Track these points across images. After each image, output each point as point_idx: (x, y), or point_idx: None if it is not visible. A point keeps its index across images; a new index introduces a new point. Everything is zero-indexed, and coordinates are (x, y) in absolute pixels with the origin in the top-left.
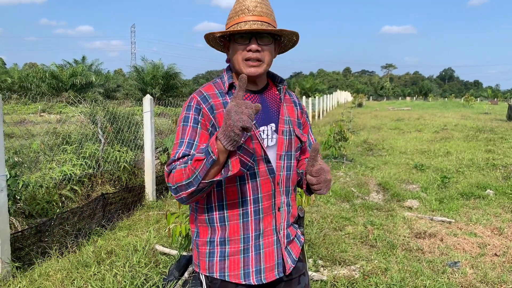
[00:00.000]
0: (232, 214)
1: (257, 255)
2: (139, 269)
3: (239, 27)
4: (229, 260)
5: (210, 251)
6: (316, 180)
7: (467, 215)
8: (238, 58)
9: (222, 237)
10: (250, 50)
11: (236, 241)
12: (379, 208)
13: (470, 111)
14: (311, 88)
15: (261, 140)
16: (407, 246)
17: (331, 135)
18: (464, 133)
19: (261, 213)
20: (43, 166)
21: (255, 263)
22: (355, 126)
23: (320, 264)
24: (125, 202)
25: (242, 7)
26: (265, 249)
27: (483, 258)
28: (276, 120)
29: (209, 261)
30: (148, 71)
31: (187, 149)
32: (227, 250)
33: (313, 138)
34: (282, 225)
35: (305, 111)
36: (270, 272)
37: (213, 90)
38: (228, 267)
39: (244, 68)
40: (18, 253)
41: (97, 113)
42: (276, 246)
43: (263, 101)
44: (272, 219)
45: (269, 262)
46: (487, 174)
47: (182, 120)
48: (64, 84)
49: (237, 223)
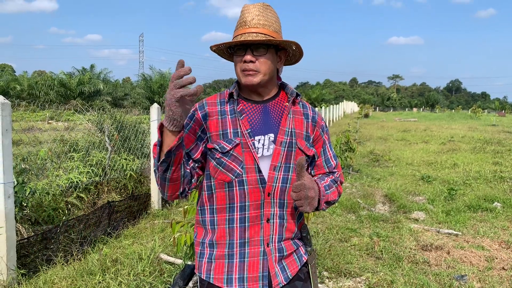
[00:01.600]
0: (220, 218)
1: (241, 263)
2: (143, 278)
3: (235, 40)
4: (215, 263)
5: (201, 251)
6: (296, 195)
7: (474, 227)
8: (237, 68)
9: (211, 239)
10: (245, 61)
11: (222, 245)
12: (385, 220)
13: (477, 123)
14: (318, 98)
15: (253, 149)
16: (413, 259)
17: (338, 145)
18: (472, 145)
19: (247, 222)
20: (50, 173)
21: (238, 270)
22: (362, 136)
23: (326, 276)
24: (131, 210)
25: (241, 21)
26: (250, 259)
27: (490, 271)
28: (276, 131)
29: (199, 261)
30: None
31: None
32: (214, 252)
33: (332, 154)
34: (272, 238)
35: (321, 125)
36: (254, 283)
37: (214, 99)
38: (214, 270)
39: (241, 78)
40: (23, 260)
41: (105, 121)
42: (262, 257)
43: (265, 111)
44: (260, 229)
45: (253, 272)
46: (494, 186)
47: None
48: (72, 92)
49: (224, 227)
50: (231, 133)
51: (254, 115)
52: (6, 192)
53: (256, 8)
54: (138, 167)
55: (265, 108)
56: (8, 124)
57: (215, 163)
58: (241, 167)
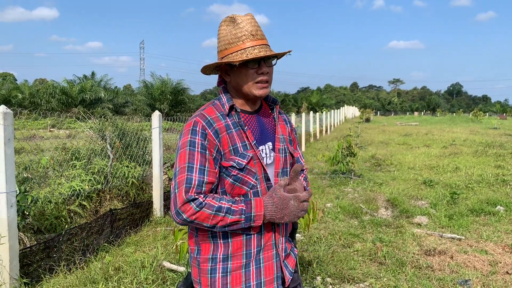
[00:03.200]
0: (236, 232)
1: (258, 269)
2: (146, 286)
3: (247, 52)
4: (231, 275)
5: (212, 267)
6: None
7: (477, 232)
8: (249, 81)
9: (225, 253)
10: (262, 73)
11: (239, 257)
12: (388, 225)
13: (478, 126)
14: (318, 103)
15: (261, 159)
16: (417, 264)
17: (339, 150)
18: (473, 148)
19: (263, 229)
20: (52, 182)
21: (255, 277)
22: (363, 141)
23: (329, 282)
24: (133, 217)
25: (245, 32)
26: (265, 263)
27: (494, 276)
28: (272, 139)
29: (211, 278)
30: (157, 86)
31: (200, 175)
32: (229, 266)
33: (300, 154)
34: (281, 240)
35: (293, 128)
36: (270, 285)
37: (215, 113)
38: (231, 283)
39: (255, 90)
40: (26, 269)
41: (106, 129)
42: (275, 259)
43: (260, 121)
44: (272, 234)
45: (269, 275)
46: (497, 190)
47: (188, 144)
48: (73, 99)
49: (240, 239)
50: (241, 147)
51: (253, 125)
52: (9, 201)
53: (252, 18)
54: (140, 174)
55: (258, 118)
56: (11, 134)
57: (232, 180)
58: (255, 178)
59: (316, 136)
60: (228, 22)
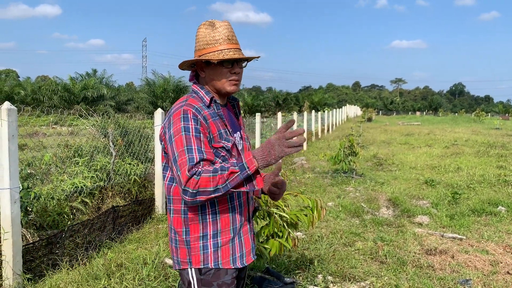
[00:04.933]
0: (223, 209)
1: (240, 242)
2: (148, 282)
3: (223, 53)
4: (221, 250)
5: (204, 244)
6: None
7: (478, 232)
8: (223, 78)
9: (214, 230)
10: (234, 73)
11: (227, 232)
12: (389, 224)
13: (481, 126)
14: (320, 102)
15: (238, 145)
16: (418, 263)
17: (341, 149)
18: (475, 148)
19: (242, 206)
20: (54, 178)
21: (239, 249)
22: (365, 140)
23: (330, 280)
24: (135, 215)
25: (223, 36)
26: (244, 236)
27: (495, 276)
28: (239, 129)
29: (203, 254)
30: (159, 84)
31: (200, 154)
32: (219, 241)
33: None
34: (251, 215)
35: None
36: (248, 256)
37: (198, 103)
38: (221, 256)
39: (228, 87)
40: (29, 264)
41: (109, 126)
42: (250, 233)
43: (228, 113)
44: (247, 211)
45: (247, 247)
46: (498, 190)
47: (182, 129)
48: (76, 97)
49: (227, 216)
50: (224, 133)
51: (226, 116)
52: (13, 197)
53: (229, 25)
54: (142, 172)
55: (227, 110)
56: (15, 130)
57: (221, 161)
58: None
59: (318, 135)
60: (207, 26)
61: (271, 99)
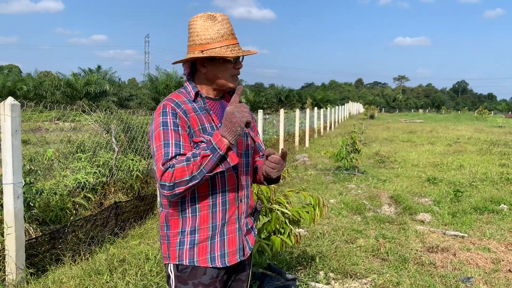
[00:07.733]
0: (203, 205)
1: (222, 241)
2: (151, 278)
3: (230, 49)
4: (198, 247)
5: (181, 240)
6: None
7: (480, 229)
8: (227, 74)
9: (192, 226)
10: (239, 68)
11: (205, 230)
12: (391, 221)
13: (483, 124)
14: (323, 99)
15: None
16: (419, 260)
17: (343, 146)
18: (478, 146)
19: (227, 204)
20: (57, 174)
21: (220, 248)
22: (367, 138)
23: (331, 277)
24: (138, 210)
25: (226, 31)
26: (229, 236)
27: (497, 274)
28: None
29: (179, 250)
30: (162, 80)
31: (177, 149)
32: (196, 238)
33: (260, 140)
34: (242, 215)
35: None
36: (233, 256)
37: (181, 98)
38: (197, 254)
39: (231, 82)
40: (32, 259)
41: (111, 122)
42: (238, 233)
43: (222, 107)
44: (235, 209)
45: (232, 247)
46: (501, 188)
47: (161, 124)
48: (78, 92)
49: (207, 213)
50: (209, 127)
51: (218, 111)
52: (16, 192)
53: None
54: (144, 168)
55: (221, 104)
56: (18, 125)
57: None
58: None
59: (320, 132)
60: (205, 18)
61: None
